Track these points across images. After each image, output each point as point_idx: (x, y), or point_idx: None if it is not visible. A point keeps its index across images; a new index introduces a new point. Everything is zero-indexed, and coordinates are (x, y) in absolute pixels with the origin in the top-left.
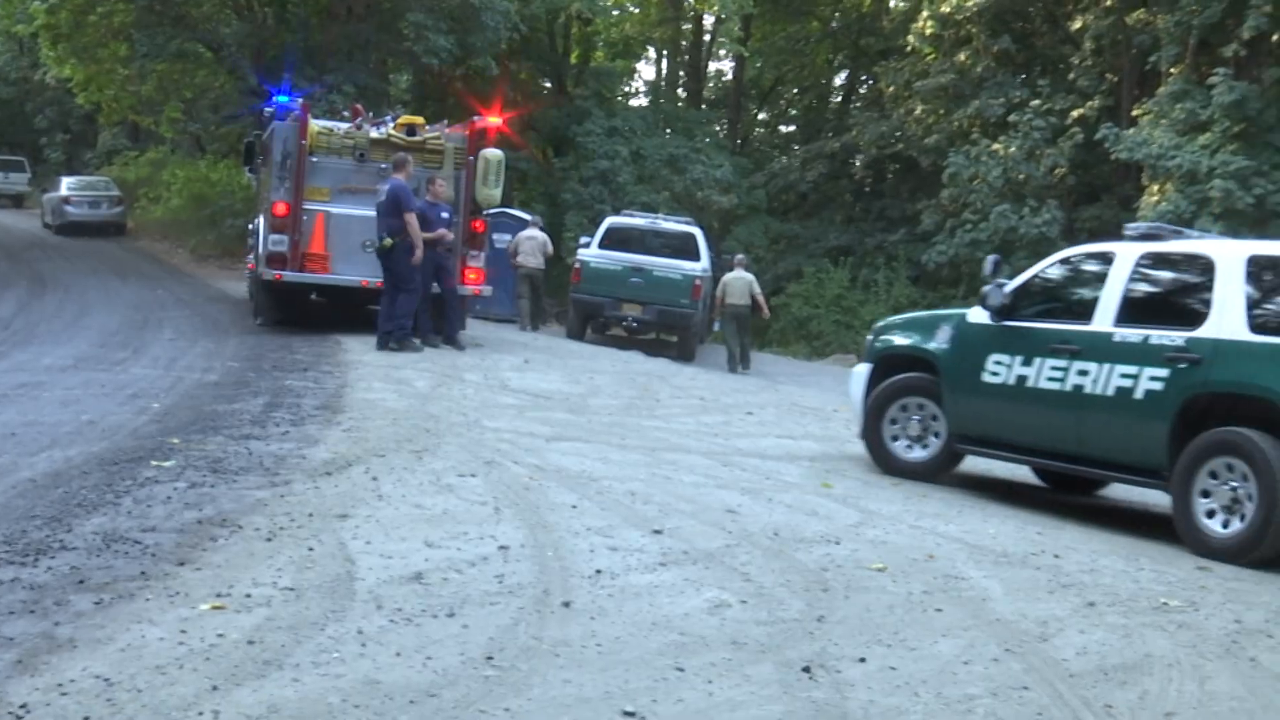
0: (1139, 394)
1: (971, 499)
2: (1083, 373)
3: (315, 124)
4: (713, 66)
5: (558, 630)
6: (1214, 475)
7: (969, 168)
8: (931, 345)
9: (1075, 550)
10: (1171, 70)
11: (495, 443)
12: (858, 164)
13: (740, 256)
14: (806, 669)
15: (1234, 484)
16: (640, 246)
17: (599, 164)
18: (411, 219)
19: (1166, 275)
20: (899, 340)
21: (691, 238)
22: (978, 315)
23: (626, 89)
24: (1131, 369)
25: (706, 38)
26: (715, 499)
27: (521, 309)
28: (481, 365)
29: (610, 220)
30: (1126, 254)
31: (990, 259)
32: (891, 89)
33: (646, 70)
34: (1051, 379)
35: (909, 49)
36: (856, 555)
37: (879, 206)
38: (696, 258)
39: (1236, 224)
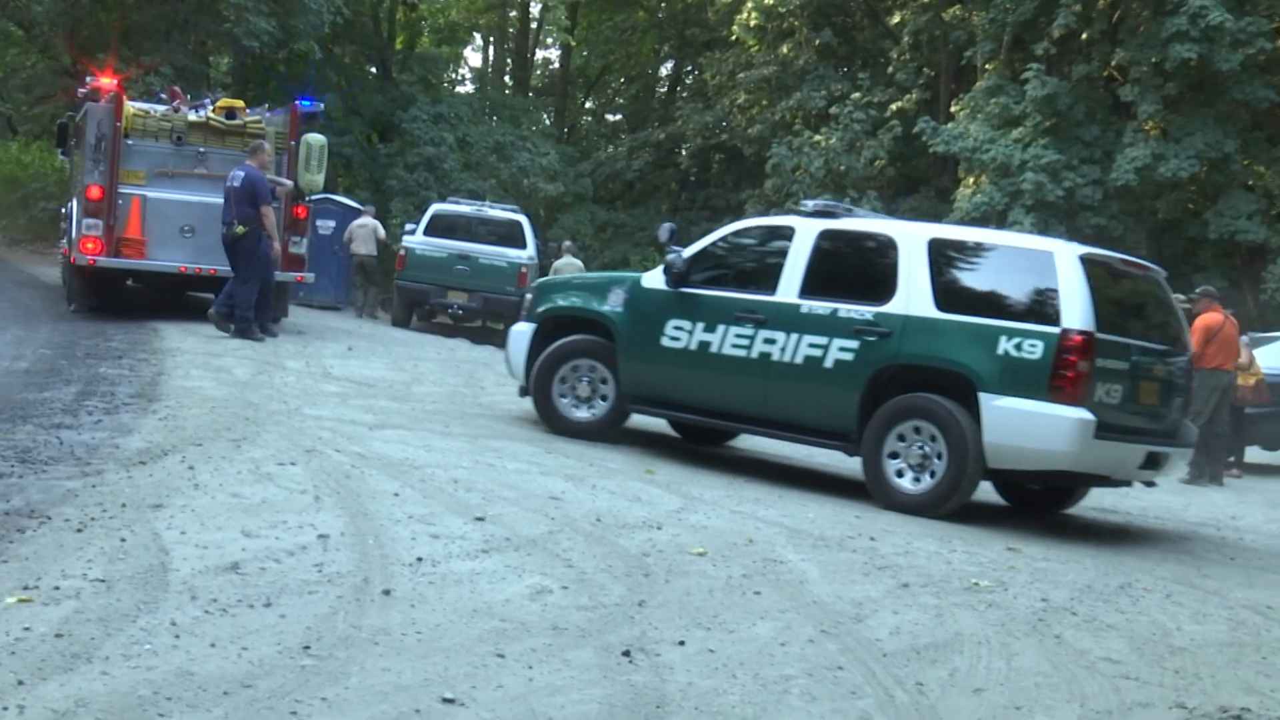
0: (829, 363)
1: (791, 485)
2: (770, 341)
3: (131, 106)
4: (539, 55)
5: (377, 618)
6: (902, 438)
7: (791, 158)
8: (605, 308)
9: (891, 533)
10: (987, 66)
11: (316, 431)
12: (683, 153)
13: (568, 243)
14: (626, 653)
15: (922, 445)
16: (466, 234)
17: (425, 150)
18: (268, 211)
19: (850, 252)
20: (567, 301)
21: (518, 225)
22: (653, 280)
23: (453, 76)
24: (820, 339)
25: (533, 25)
26: (538, 486)
27: (356, 296)
28: (304, 353)
29: (436, 207)
30: (806, 229)
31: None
32: (716, 79)
33: (473, 57)
34: (737, 345)
35: (733, 40)
36: (678, 540)
37: (704, 196)
38: (523, 245)
39: (1048, 215)
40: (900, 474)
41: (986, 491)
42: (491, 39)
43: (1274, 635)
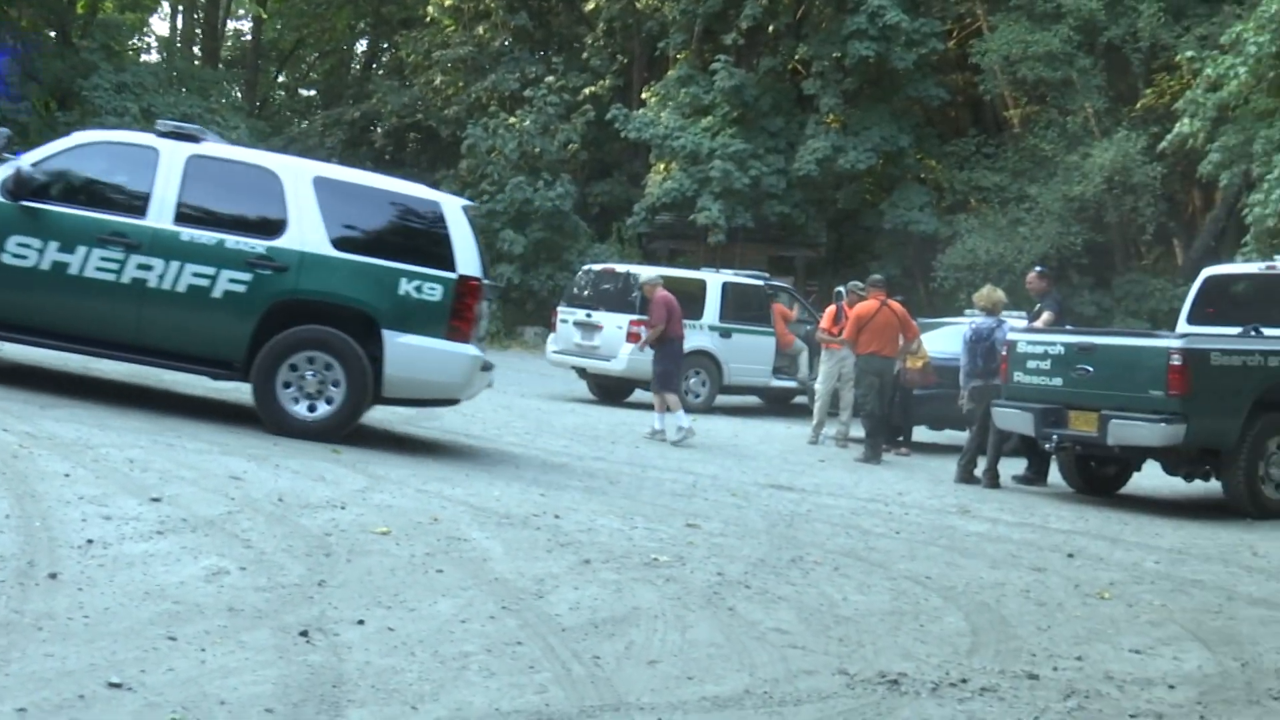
0: (217, 294)
1: (478, 464)
2: (145, 267)
3: None
4: (230, 25)
5: (41, 603)
6: (294, 367)
7: (487, 140)
8: None
9: (575, 511)
10: (678, 56)
11: None
12: (379, 132)
13: None
14: (304, 633)
15: (318, 374)
16: None
17: (107, 120)
18: None
19: (228, 181)
20: None
21: None
22: None
23: (138, 44)
24: (207, 270)
25: None
26: (219, 465)
27: None
28: None
29: None
30: (172, 153)
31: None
32: (412, 58)
33: (160, 25)
34: (104, 269)
35: (429, 19)
36: (361, 519)
37: (399, 175)
38: None
39: (735, 202)
40: (296, 401)
41: (664, 468)
42: (180, 7)
43: (932, 604)
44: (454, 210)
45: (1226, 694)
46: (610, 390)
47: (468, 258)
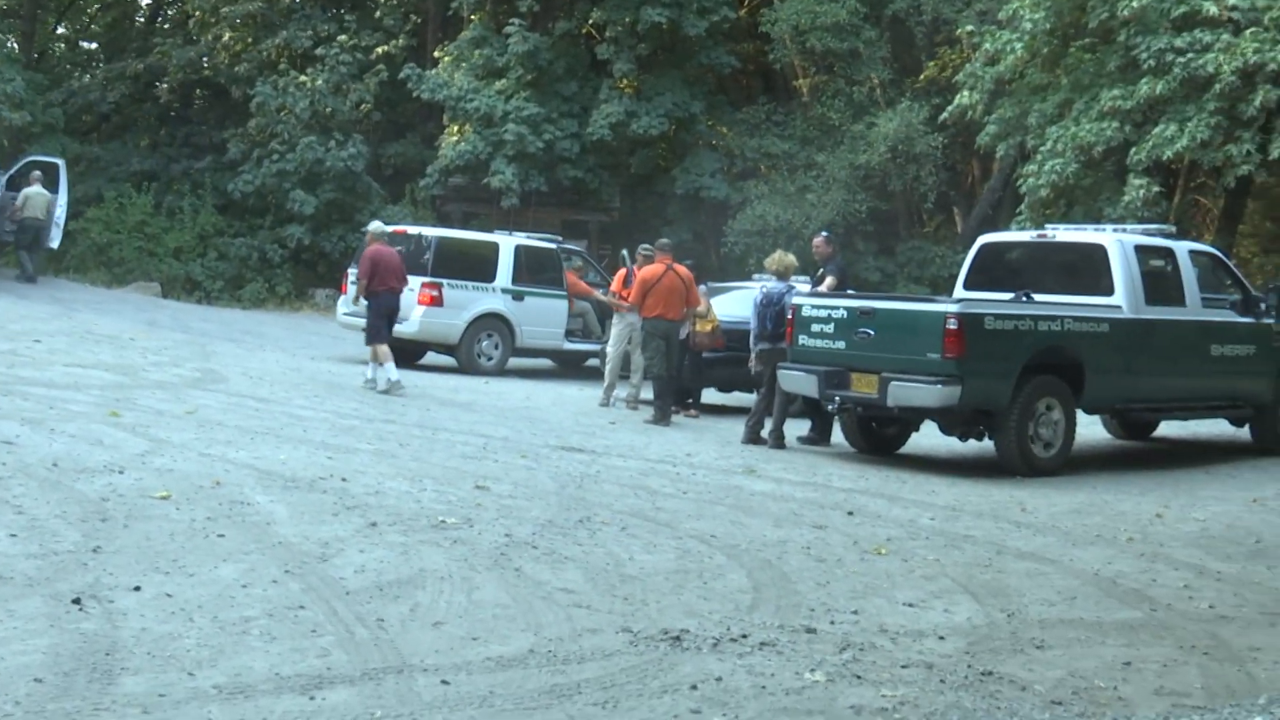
0: None
1: (266, 426)
2: None
3: None
4: None
5: None
6: None
7: (277, 98)
8: None
9: (363, 474)
10: (472, 17)
11: None
12: (164, 88)
13: (37, 173)
14: (77, 600)
15: None
16: None
17: None
18: None
19: None
20: None
21: None
22: None
23: None
24: None
25: None
26: None
27: None
28: None
29: None
30: None
31: None
32: (199, 13)
33: None
34: None
35: None
36: (141, 484)
37: (185, 133)
38: None
39: (529, 166)
40: None
41: (455, 430)
42: None
43: (716, 562)
44: None
45: (993, 644)
46: (402, 353)
47: None
